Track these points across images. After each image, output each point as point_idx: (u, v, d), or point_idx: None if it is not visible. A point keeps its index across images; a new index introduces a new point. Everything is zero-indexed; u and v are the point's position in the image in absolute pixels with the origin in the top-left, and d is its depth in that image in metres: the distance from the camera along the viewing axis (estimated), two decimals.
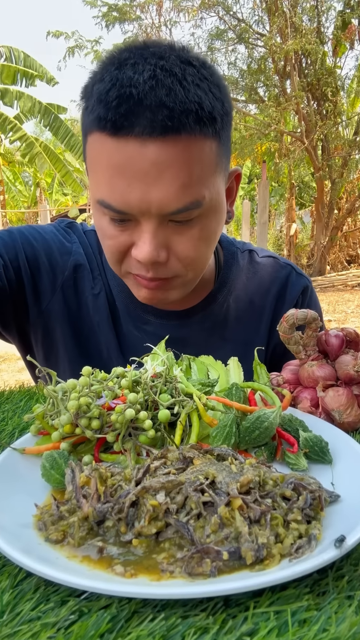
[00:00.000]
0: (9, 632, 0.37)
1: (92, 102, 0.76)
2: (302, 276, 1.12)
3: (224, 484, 0.49)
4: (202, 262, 0.89)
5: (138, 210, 0.78)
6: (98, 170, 0.79)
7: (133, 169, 0.74)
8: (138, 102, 0.71)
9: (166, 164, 0.74)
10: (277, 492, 0.49)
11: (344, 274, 12.72)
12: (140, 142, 0.73)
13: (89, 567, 0.44)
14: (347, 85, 13.73)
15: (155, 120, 0.72)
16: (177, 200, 0.77)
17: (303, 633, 0.36)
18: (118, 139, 0.74)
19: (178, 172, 0.75)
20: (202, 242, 0.85)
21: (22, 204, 21.73)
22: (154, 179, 0.75)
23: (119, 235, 0.83)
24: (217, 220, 0.87)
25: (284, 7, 11.92)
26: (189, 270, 0.86)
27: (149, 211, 0.77)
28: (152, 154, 0.73)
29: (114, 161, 0.75)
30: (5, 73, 11.69)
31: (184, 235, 0.82)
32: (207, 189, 0.80)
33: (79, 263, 1.02)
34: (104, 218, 0.83)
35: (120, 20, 13.22)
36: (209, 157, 0.79)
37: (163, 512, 0.47)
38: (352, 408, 0.73)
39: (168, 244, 0.82)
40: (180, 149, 0.74)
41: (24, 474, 0.59)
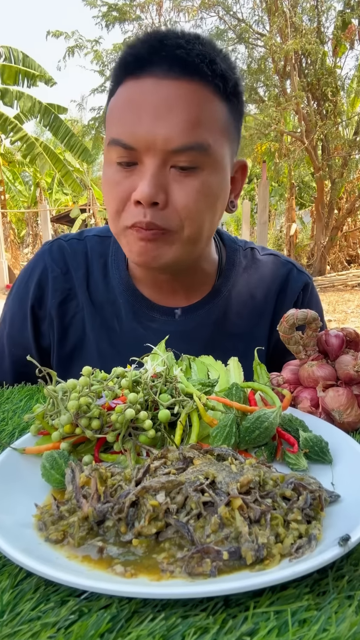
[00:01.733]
0: (9, 632, 0.37)
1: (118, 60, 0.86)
2: (303, 273, 1.13)
3: (224, 484, 0.49)
4: (199, 219, 0.88)
5: (144, 144, 0.81)
6: (113, 115, 0.86)
7: (145, 104, 0.81)
8: (160, 42, 0.82)
9: (176, 101, 0.80)
10: (277, 492, 0.49)
11: (344, 274, 12.72)
12: (156, 81, 0.81)
13: (89, 567, 0.44)
14: (347, 85, 13.74)
15: (173, 61, 0.80)
16: (182, 136, 0.80)
17: (303, 633, 0.36)
18: (137, 78, 0.82)
19: (186, 110, 0.81)
20: (202, 197, 0.85)
21: (22, 204, 21.73)
22: (163, 113, 0.80)
23: (123, 181, 0.85)
24: (219, 182, 0.88)
25: (284, 7, 11.92)
26: (185, 225, 0.86)
27: (154, 146, 0.80)
28: (165, 90, 0.81)
29: (130, 97, 0.83)
30: (6, 73, 11.68)
31: (185, 185, 0.84)
32: (212, 139, 0.84)
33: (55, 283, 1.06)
34: (111, 168, 0.86)
35: (120, 20, 13.22)
36: (218, 114, 0.85)
37: (163, 512, 0.47)
38: (352, 408, 0.73)
39: (167, 190, 0.83)
40: (192, 91, 0.82)
41: (24, 474, 0.59)
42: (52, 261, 1.06)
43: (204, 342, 1.04)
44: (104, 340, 1.04)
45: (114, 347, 1.04)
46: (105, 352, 1.04)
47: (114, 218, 0.89)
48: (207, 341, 1.04)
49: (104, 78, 14.27)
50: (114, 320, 1.04)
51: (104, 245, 1.08)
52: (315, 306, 1.13)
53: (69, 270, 1.05)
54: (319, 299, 1.17)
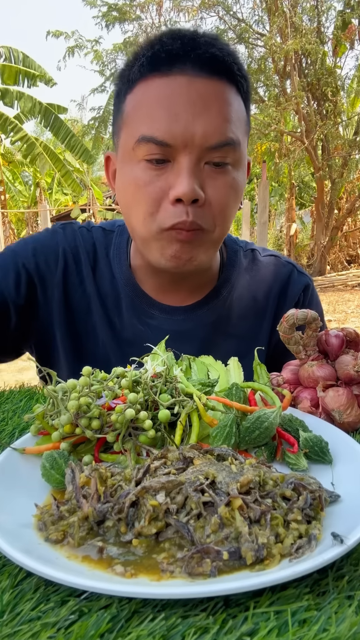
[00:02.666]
0: (9, 632, 0.37)
1: (142, 52, 0.84)
2: (303, 275, 1.13)
3: (224, 484, 0.49)
4: (228, 218, 0.90)
5: (181, 141, 0.80)
6: (140, 112, 0.83)
7: (180, 101, 0.80)
8: (191, 39, 0.82)
9: (212, 98, 0.81)
10: (277, 492, 0.49)
11: (344, 274, 12.72)
12: (189, 78, 0.81)
13: (89, 567, 0.44)
14: (347, 85, 13.74)
15: (206, 57, 0.81)
16: (220, 133, 0.81)
17: (303, 633, 0.36)
18: (168, 76, 0.81)
19: (222, 108, 0.82)
20: (232, 193, 0.87)
21: (22, 204, 21.73)
22: (200, 109, 0.80)
23: (155, 180, 0.83)
24: (243, 179, 0.91)
25: (284, 7, 11.92)
26: (217, 225, 0.87)
27: (192, 142, 0.80)
28: (200, 87, 0.81)
29: (161, 96, 0.81)
30: (6, 73, 11.67)
31: (218, 181, 0.84)
32: (240, 136, 0.86)
33: (67, 265, 1.03)
34: (137, 166, 0.84)
35: (120, 20, 13.23)
36: (241, 112, 0.88)
37: (163, 512, 0.46)
38: (352, 408, 0.73)
39: (203, 186, 0.84)
40: (223, 90, 0.83)
41: (24, 474, 0.59)
42: (66, 242, 1.04)
43: (203, 342, 1.04)
44: (107, 332, 1.03)
45: (115, 340, 1.03)
46: (107, 344, 1.04)
47: (145, 221, 0.86)
48: (206, 341, 1.04)
49: (104, 78, 14.27)
50: (115, 314, 1.04)
51: (107, 239, 1.07)
52: (315, 307, 1.13)
53: (80, 256, 1.04)
54: (319, 300, 1.17)
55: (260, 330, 1.08)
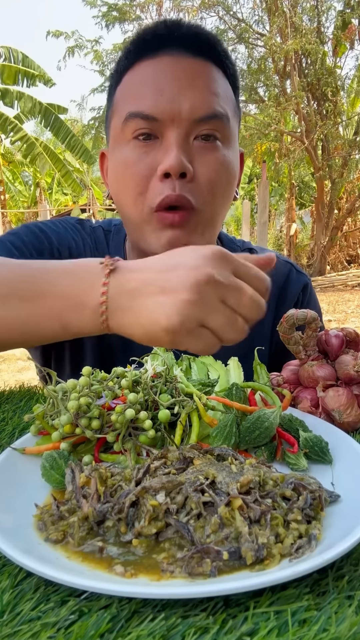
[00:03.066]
0: (9, 632, 0.37)
1: (128, 44, 0.86)
2: (302, 274, 1.13)
3: (224, 484, 0.49)
4: (219, 194, 0.88)
5: (168, 114, 0.80)
6: (127, 94, 0.85)
7: (166, 77, 0.82)
8: (177, 24, 0.85)
9: (198, 74, 0.83)
10: (277, 492, 0.49)
11: (344, 274, 12.72)
12: (176, 58, 0.83)
13: (89, 567, 0.44)
14: (347, 85, 13.73)
15: (190, 37, 0.83)
16: (207, 105, 0.82)
17: (303, 633, 0.36)
18: (153, 58, 0.83)
19: (208, 82, 0.83)
20: (223, 170, 0.86)
21: (21, 204, 21.73)
22: (186, 84, 0.82)
23: (143, 157, 0.83)
24: (234, 158, 0.90)
25: (284, 7, 11.92)
26: (207, 201, 0.85)
27: (179, 115, 0.80)
28: (186, 65, 0.83)
29: (147, 75, 0.83)
30: (6, 73, 11.68)
31: (208, 157, 0.84)
32: (229, 113, 0.86)
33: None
34: (126, 147, 0.84)
35: (120, 20, 13.22)
36: (229, 92, 0.88)
37: (163, 512, 0.46)
38: (352, 408, 0.73)
39: (192, 162, 0.83)
40: (209, 68, 0.85)
41: (24, 474, 0.59)
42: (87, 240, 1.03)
43: None
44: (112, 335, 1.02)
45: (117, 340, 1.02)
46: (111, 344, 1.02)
47: (136, 201, 0.85)
48: None
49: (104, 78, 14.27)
50: None
51: (107, 238, 1.06)
52: (314, 307, 1.13)
53: (96, 255, 1.02)
54: (317, 300, 1.17)
55: (260, 331, 1.07)
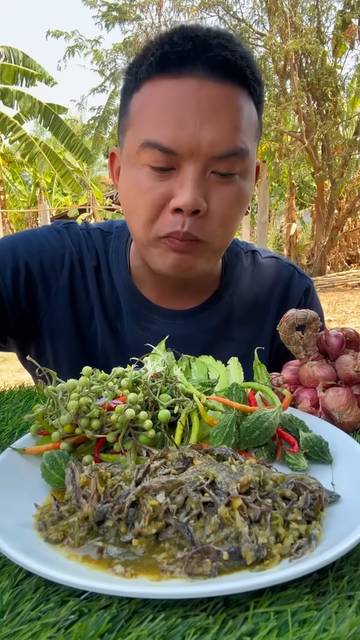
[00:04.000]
0: (9, 632, 0.37)
1: (151, 51, 0.80)
2: (304, 277, 1.12)
3: (224, 484, 0.49)
4: (231, 228, 0.87)
5: (187, 149, 0.77)
6: (146, 114, 0.80)
7: (188, 106, 0.76)
8: (203, 41, 0.77)
9: (222, 104, 0.77)
10: (277, 492, 0.49)
11: (344, 274, 12.72)
12: (199, 81, 0.77)
13: (89, 567, 0.44)
14: (347, 85, 13.74)
15: (218, 59, 0.76)
16: (228, 142, 0.78)
17: (303, 633, 0.36)
18: (177, 78, 0.77)
19: (232, 114, 0.78)
20: (237, 204, 0.84)
21: (21, 204, 21.72)
22: (209, 116, 0.76)
23: (158, 186, 0.80)
24: (250, 187, 0.88)
25: (284, 7, 11.92)
26: (218, 234, 0.85)
27: (198, 151, 0.77)
28: (210, 92, 0.77)
29: (169, 99, 0.77)
30: (5, 73, 11.68)
31: (223, 192, 0.82)
32: (250, 146, 0.82)
33: (73, 268, 1.00)
34: (141, 171, 0.81)
35: (120, 20, 13.23)
36: (253, 118, 0.84)
37: (163, 513, 0.46)
38: (352, 408, 0.73)
39: (207, 197, 0.81)
40: (234, 95, 0.79)
41: (24, 474, 0.59)
42: (72, 244, 1.01)
43: (205, 346, 1.02)
44: (108, 338, 1.01)
45: (117, 347, 1.01)
46: (108, 350, 1.02)
47: (145, 227, 0.84)
48: (208, 345, 1.02)
49: (104, 78, 14.27)
50: (116, 319, 1.02)
51: (105, 241, 1.04)
52: (316, 309, 1.13)
53: (84, 260, 1.01)
54: (319, 302, 1.17)
55: (262, 334, 1.07)
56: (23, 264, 0.96)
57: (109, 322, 1.02)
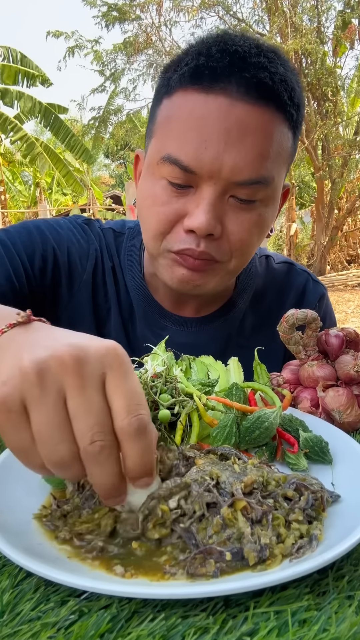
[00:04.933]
0: (9, 632, 0.37)
1: (187, 58, 0.76)
2: (318, 284, 1.11)
3: (228, 484, 0.48)
4: (248, 252, 0.85)
5: (208, 170, 0.74)
6: (172, 127, 0.77)
7: (215, 125, 0.73)
8: (242, 58, 0.73)
9: (251, 128, 0.73)
10: (279, 493, 0.49)
11: (344, 274, 12.72)
12: (231, 101, 0.73)
13: (89, 567, 0.43)
14: (347, 85, 13.74)
15: (254, 81, 0.72)
16: (251, 169, 0.74)
17: (303, 633, 0.36)
18: (208, 93, 0.73)
19: (260, 141, 0.74)
20: (256, 229, 0.82)
21: (22, 204, 21.72)
22: (234, 140, 0.73)
23: (173, 202, 0.78)
24: (272, 214, 0.85)
25: (284, 7, 11.93)
26: (234, 257, 0.83)
27: (219, 174, 0.74)
28: (240, 114, 0.73)
29: (197, 115, 0.73)
30: (5, 73, 11.68)
31: (242, 217, 0.79)
32: (276, 174, 0.79)
33: (96, 265, 0.98)
34: (159, 183, 0.79)
35: (120, 20, 13.23)
36: (285, 144, 0.80)
37: (171, 521, 0.46)
38: (352, 408, 0.73)
39: (223, 220, 0.78)
40: (267, 120, 0.75)
41: (24, 474, 0.58)
42: (95, 241, 0.99)
43: (218, 354, 0.99)
44: (122, 341, 0.98)
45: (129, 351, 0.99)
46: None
47: (155, 238, 0.83)
48: (221, 353, 0.99)
49: (104, 78, 14.27)
50: (129, 323, 1.00)
51: (117, 241, 1.02)
52: (330, 316, 1.11)
53: (104, 258, 0.99)
54: (332, 309, 1.15)
55: (275, 341, 1.06)
56: (51, 254, 0.92)
57: (124, 324, 0.99)
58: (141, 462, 0.40)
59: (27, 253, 0.90)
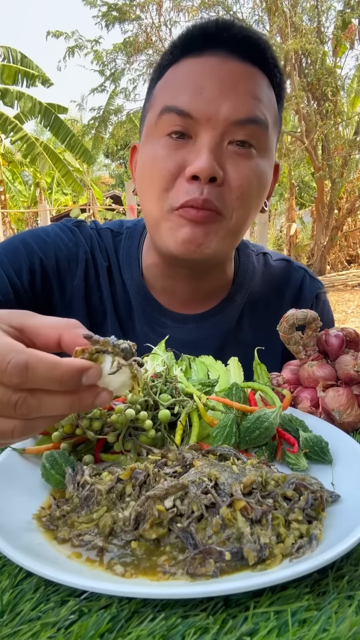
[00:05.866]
0: (9, 632, 0.37)
1: (176, 39, 0.84)
2: (315, 280, 1.11)
3: (227, 485, 0.48)
4: (249, 205, 0.85)
5: (204, 113, 0.78)
6: (166, 89, 0.83)
7: (208, 76, 0.79)
8: (230, 25, 0.82)
9: (241, 77, 0.80)
10: (279, 492, 0.49)
11: (344, 274, 12.72)
12: (220, 60, 0.80)
13: (89, 567, 0.44)
14: (347, 85, 13.74)
15: (239, 39, 0.80)
16: (246, 108, 0.79)
17: (303, 633, 0.36)
18: (198, 57, 0.81)
19: (251, 87, 0.81)
20: (256, 179, 0.84)
21: (22, 204, 21.72)
22: (229, 85, 0.79)
23: (173, 155, 0.81)
24: (268, 169, 0.88)
25: (284, 7, 11.93)
26: (235, 210, 0.83)
27: (216, 116, 0.78)
28: (230, 68, 0.80)
29: (190, 72, 0.81)
30: (5, 73, 11.68)
31: (241, 164, 0.82)
32: (269, 121, 0.84)
33: (87, 268, 0.98)
34: (158, 142, 0.82)
35: (120, 20, 13.22)
36: (272, 101, 0.86)
37: (168, 520, 0.46)
38: (352, 408, 0.73)
39: (223, 166, 0.81)
40: (254, 74, 0.82)
41: (24, 474, 0.59)
42: (85, 243, 0.99)
43: (217, 350, 1.00)
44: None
45: None
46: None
47: (159, 197, 0.83)
48: (220, 350, 1.01)
49: (104, 78, 14.27)
50: (128, 322, 1.00)
51: (115, 241, 1.02)
52: (327, 313, 1.12)
53: (97, 260, 0.99)
54: (330, 306, 1.15)
55: (273, 337, 1.06)
56: (39, 264, 0.94)
57: (121, 324, 1.00)
58: (51, 379, 0.41)
59: (15, 269, 0.92)
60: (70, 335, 0.44)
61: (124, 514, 0.47)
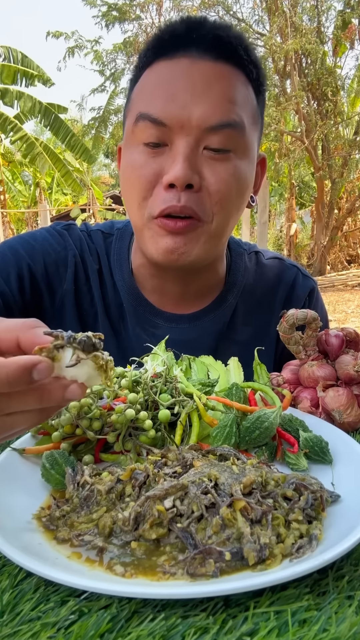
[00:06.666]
0: (9, 632, 0.37)
1: (149, 41, 0.83)
2: (308, 278, 1.11)
3: (227, 485, 0.48)
4: (229, 208, 0.84)
5: (177, 121, 0.77)
6: (141, 95, 0.82)
7: (180, 81, 0.78)
8: (199, 24, 0.81)
9: (214, 79, 0.79)
10: (279, 492, 0.49)
11: (344, 274, 12.72)
12: (192, 61, 0.79)
13: (89, 567, 0.44)
14: (347, 85, 13.75)
15: (209, 39, 0.79)
16: (220, 113, 0.78)
17: (303, 633, 0.36)
18: (171, 59, 0.80)
19: (225, 89, 0.79)
20: (234, 182, 0.82)
21: (21, 204, 21.72)
22: (200, 90, 0.77)
23: (150, 162, 0.80)
24: (249, 170, 0.86)
25: (284, 7, 11.93)
26: (215, 214, 0.83)
27: (189, 122, 0.77)
28: (202, 69, 0.79)
29: (162, 76, 0.80)
30: (5, 73, 11.68)
31: (218, 168, 0.80)
32: (246, 122, 0.82)
33: (77, 271, 0.99)
34: (136, 149, 0.82)
35: (120, 20, 13.23)
36: (250, 99, 0.84)
37: (167, 520, 0.46)
38: (352, 408, 0.73)
39: (200, 172, 0.80)
40: (228, 73, 0.80)
41: (24, 474, 0.59)
42: (74, 247, 0.99)
43: (210, 349, 1.00)
44: (112, 342, 0.99)
45: (120, 351, 0.99)
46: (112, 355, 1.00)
47: (139, 206, 0.83)
48: (214, 349, 1.01)
49: (104, 78, 14.28)
50: (120, 323, 1.00)
51: (106, 242, 1.02)
52: (320, 310, 1.12)
53: (87, 262, 0.99)
54: (323, 303, 1.16)
55: (267, 335, 1.06)
56: (27, 270, 0.94)
57: (112, 326, 1.00)
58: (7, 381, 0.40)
59: (3, 276, 0.92)
60: (26, 336, 0.43)
61: (124, 514, 0.47)
